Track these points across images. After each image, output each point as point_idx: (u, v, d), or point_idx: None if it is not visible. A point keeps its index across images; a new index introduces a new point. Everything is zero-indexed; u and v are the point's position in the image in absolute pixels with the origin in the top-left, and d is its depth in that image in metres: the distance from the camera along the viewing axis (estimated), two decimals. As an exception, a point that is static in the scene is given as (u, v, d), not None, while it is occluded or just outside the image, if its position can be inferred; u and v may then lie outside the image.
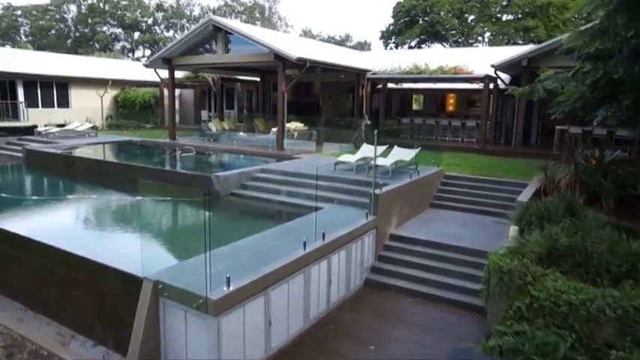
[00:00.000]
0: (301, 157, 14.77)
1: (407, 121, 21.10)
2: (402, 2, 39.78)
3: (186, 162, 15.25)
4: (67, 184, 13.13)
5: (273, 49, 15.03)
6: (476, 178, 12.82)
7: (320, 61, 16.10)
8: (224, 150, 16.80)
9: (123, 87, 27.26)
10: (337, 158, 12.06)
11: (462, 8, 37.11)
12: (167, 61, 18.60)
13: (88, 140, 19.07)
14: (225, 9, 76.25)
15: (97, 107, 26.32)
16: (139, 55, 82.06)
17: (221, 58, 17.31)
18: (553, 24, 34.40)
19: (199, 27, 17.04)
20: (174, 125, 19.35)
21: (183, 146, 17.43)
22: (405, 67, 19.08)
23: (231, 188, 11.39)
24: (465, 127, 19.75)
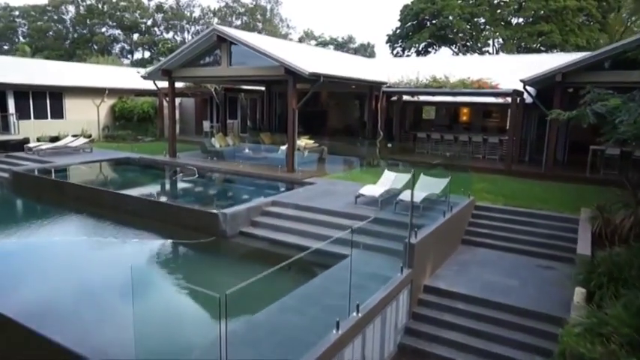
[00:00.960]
0: (315, 183, 13.43)
1: (423, 136, 19.78)
2: (410, 5, 38.41)
3: (187, 188, 13.89)
4: (55, 218, 11.77)
5: (283, 63, 13.70)
6: (511, 210, 11.49)
7: (334, 75, 14.76)
8: (229, 172, 15.45)
9: (120, 96, 25.90)
10: (359, 191, 10.70)
11: (473, 12, 35.73)
12: (166, 73, 17.28)
13: (82, 158, 17.72)
14: (225, 10, 74.92)
15: (93, 118, 24.98)
16: (138, 56, 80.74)
17: (225, 71, 15.98)
18: (568, 28, 33.05)
19: (202, 37, 15.71)
20: (174, 141, 18.01)
21: (185, 166, 16.09)
22: (422, 79, 17.72)
23: (239, 226, 10.06)
24: (486, 143, 18.42)
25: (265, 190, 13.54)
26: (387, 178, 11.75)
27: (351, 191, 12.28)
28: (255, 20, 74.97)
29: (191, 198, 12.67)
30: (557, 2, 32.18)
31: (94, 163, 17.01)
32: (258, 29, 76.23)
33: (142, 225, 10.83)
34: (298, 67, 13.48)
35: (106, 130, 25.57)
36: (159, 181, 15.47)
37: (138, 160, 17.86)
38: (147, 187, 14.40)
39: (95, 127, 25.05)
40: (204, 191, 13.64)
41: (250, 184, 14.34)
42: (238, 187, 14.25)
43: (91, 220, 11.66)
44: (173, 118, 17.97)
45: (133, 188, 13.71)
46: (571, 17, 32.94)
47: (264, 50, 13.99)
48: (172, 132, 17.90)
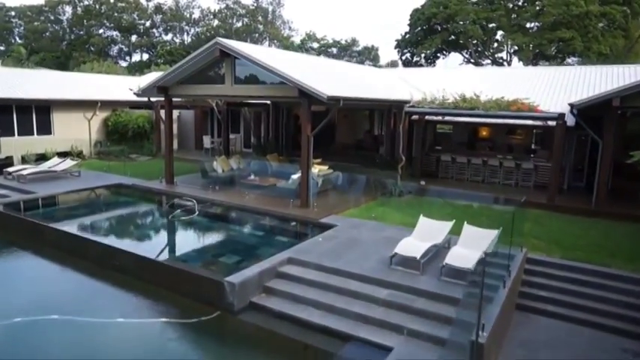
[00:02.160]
0: (335, 225, 11.51)
1: (447, 159, 17.87)
2: (421, 9, 36.49)
3: (185, 233, 11.92)
4: (25, 276, 9.83)
5: (298, 84, 11.80)
6: (573, 266, 9.58)
7: (355, 97, 12.89)
8: (233, 206, 13.53)
9: (114, 108, 23.97)
10: (395, 250, 8.77)
11: (488, 17, 33.82)
12: (163, 90, 15.37)
13: (69, 184, 15.79)
14: (226, 12, 73.01)
15: (84, 133, 23.05)
16: (136, 58, 78.78)
17: (229, 90, 14.07)
18: (591, 35, 31.15)
19: (203, 51, 13.80)
20: (171, 165, 16.08)
21: (182, 198, 14.16)
22: (449, 97, 15.83)
23: (249, 295, 8.15)
24: (519, 168, 16.51)
25: (278, 237, 11.63)
26: (424, 227, 9.82)
27: (380, 239, 10.43)
28: (256, 22, 73.06)
29: (189, 247, 10.71)
30: (580, 7, 30.28)
31: (82, 191, 15.03)
32: (259, 31, 74.35)
33: (132, 287, 8.93)
34: (315, 89, 11.57)
35: (98, 146, 23.63)
36: (153, 221, 13.45)
37: (130, 188, 15.92)
38: (139, 229, 12.41)
39: (86, 143, 23.11)
40: (204, 237, 11.66)
41: (259, 226, 12.41)
42: (245, 231, 12.28)
43: (69, 279, 9.73)
44: (170, 139, 16.05)
45: (122, 232, 11.81)
46: (594, 23, 31.01)
47: (276, 69, 12.07)
48: (169, 155, 15.96)
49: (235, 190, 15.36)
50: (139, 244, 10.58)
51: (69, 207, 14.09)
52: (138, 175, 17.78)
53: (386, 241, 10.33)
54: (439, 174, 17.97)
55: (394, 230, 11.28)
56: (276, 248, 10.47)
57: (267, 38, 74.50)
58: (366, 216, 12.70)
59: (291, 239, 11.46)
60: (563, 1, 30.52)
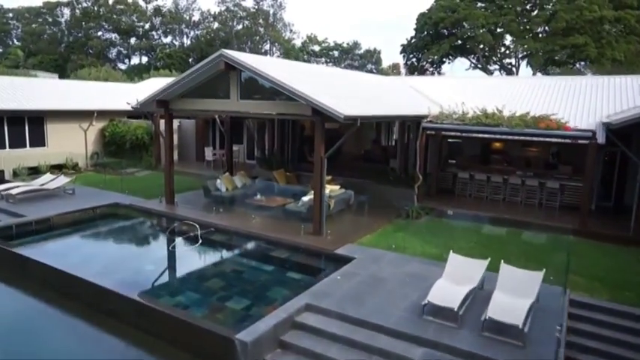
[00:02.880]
0: (353, 257, 10.45)
1: (465, 176, 16.82)
2: (429, 14, 35.47)
3: (187, 269, 10.77)
4: (2, 321, 8.74)
5: (312, 103, 10.75)
6: (623, 311, 8.51)
7: (372, 116, 11.86)
8: (239, 232, 12.44)
9: (112, 118, 22.90)
10: (428, 298, 7.70)
11: (498, 22, 32.80)
12: (162, 104, 14.32)
13: (62, 204, 14.71)
14: (226, 14, 71.96)
15: (79, 144, 21.98)
16: (135, 61, 77.76)
17: (235, 106, 13.02)
18: (605, 40, 30.14)
19: (206, 64, 12.74)
20: (171, 183, 15.00)
21: (183, 222, 13.08)
22: (469, 111, 14.81)
23: (263, 353, 7.08)
24: (544, 187, 15.46)
25: (291, 273, 10.54)
26: (456, 265, 8.75)
27: (405, 276, 9.41)
28: (257, 25, 72.02)
29: (192, 286, 9.60)
30: (593, 12, 29.27)
31: (74, 214, 13.93)
32: (260, 34, 73.33)
33: (127, 337, 7.86)
34: (331, 109, 10.52)
35: (94, 158, 22.56)
36: (151, 253, 12.30)
37: (127, 208, 14.84)
38: (135, 263, 11.28)
39: (82, 154, 22.03)
40: (209, 272, 10.53)
41: (269, 258, 11.30)
42: (253, 265, 11.15)
43: (56, 326, 8.65)
44: (171, 156, 14.97)
45: (117, 266, 10.71)
46: (608, 28, 30.01)
47: (288, 86, 11.02)
48: (169, 173, 14.89)
49: (240, 211, 14.29)
50: (135, 282, 9.47)
51: (59, 234, 12.97)
52: (136, 192, 16.70)
53: (412, 280, 9.30)
54: (456, 191, 16.93)
55: (418, 264, 10.24)
56: (289, 288, 9.41)
57: (269, 41, 73.50)
58: (385, 245, 11.64)
59: (306, 276, 10.37)
60: (576, 5, 29.54)
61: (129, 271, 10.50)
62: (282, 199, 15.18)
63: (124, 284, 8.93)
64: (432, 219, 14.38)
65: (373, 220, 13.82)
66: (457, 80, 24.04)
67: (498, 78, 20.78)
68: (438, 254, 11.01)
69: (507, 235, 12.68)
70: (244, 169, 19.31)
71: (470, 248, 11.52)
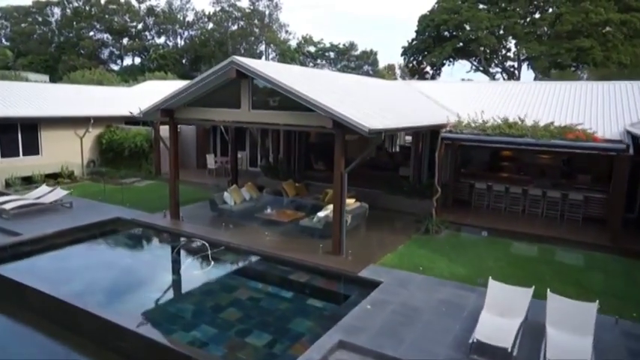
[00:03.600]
0: (380, 281, 9.73)
1: (482, 187, 16.17)
2: (431, 16, 34.86)
3: (200, 295, 9.90)
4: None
5: (334, 115, 10.01)
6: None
7: (396, 128, 11.15)
8: (252, 251, 11.65)
9: (108, 124, 21.96)
10: (475, 335, 6.97)
11: (502, 24, 32.28)
12: (167, 113, 13.49)
13: (60, 220, 13.81)
14: (221, 15, 70.94)
15: (75, 151, 21.02)
16: (128, 62, 76.49)
17: (246, 116, 12.23)
18: (611, 44, 29.74)
19: (216, 72, 11.95)
20: (176, 196, 14.17)
21: (191, 240, 12.28)
22: (489, 119, 14.17)
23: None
24: (566, 200, 14.83)
25: (314, 301, 9.71)
26: (498, 295, 8.04)
27: (439, 304, 8.76)
28: (252, 26, 71.09)
29: (207, 319, 8.72)
30: (599, 15, 28.83)
31: (73, 231, 13.02)
32: (255, 35, 72.42)
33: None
34: (355, 121, 9.79)
35: (91, 166, 21.61)
36: (159, 276, 11.38)
37: (130, 223, 13.98)
38: (141, 289, 10.38)
39: (78, 163, 21.08)
40: (224, 300, 9.64)
41: (287, 283, 10.50)
42: (271, 292, 10.29)
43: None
44: (176, 169, 14.14)
45: (122, 295, 9.88)
46: (613, 31, 29.59)
47: (308, 97, 10.26)
48: (174, 186, 14.07)
49: (251, 227, 13.50)
50: (144, 313, 8.64)
51: (57, 255, 12.06)
52: (137, 204, 15.85)
53: (448, 308, 8.59)
54: (472, 202, 16.28)
55: (450, 289, 9.53)
56: (314, 319, 8.67)
57: (264, 42, 72.61)
58: (409, 265, 10.92)
59: (330, 303, 9.64)
60: (581, 8, 29.10)
61: (136, 299, 9.68)
62: (293, 213, 14.43)
63: (132, 317, 8.12)
64: (452, 233, 13.71)
65: (392, 236, 13.11)
66: (465, 85, 23.42)
67: (509, 83, 20.17)
68: (468, 276, 10.36)
69: (537, 253, 12.01)
70: (249, 178, 18.53)
71: (500, 268, 10.87)
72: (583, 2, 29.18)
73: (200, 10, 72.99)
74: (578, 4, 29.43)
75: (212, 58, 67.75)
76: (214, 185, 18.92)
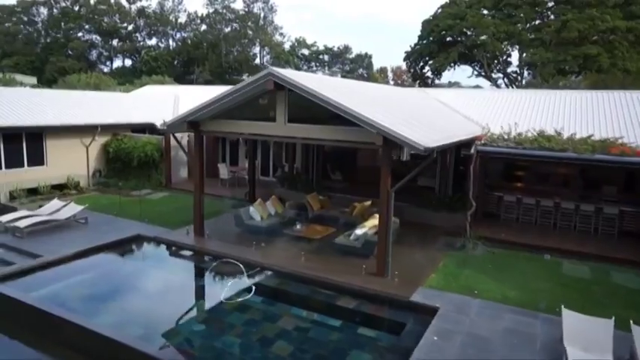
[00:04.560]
0: (435, 307, 9.22)
1: (511, 199, 15.83)
2: (435, 21, 34.64)
3: (245, 328, 9.20)
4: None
5: (387, 134, 9.48)
6: None
7: (446, 144, 10.69)
8: (289, 274, 11.04)
9: (115, 132, 21.11)
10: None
11: (509, 30, 32.20)
12: (193, 125, 12.82)
13: (77, 238, 13.05)
14: (214, 17, 69.99)
15: (81, 161, 20.14)
16: (118, 64, 74.99)
17: (282, 130, 11.63)
18: (618, 51, 29.86)
19: (251, 83, 11.33)
20: (201, 212, 13.50)
21: (223, 261, 11.61)
22: (524, 132, 13.85)
23: None
24: (600, 214, 14.55)
25: (366, 331, 9.04)
26: (576, 326, 7.59)
27: (507, 334, 8.32)
28: (246, 28, 70.28)
29: (256, 354, 8.07)
30: (606, 22, 28.91)
31: (96, 251, 12.25)
32: (249, 37, 71.63)
33: None
34: (411, 140, 9.30)
35: (97, 176, 20.72)
36: (197, 305, 10.50)
37: (152, 241, 13.27)
38: (180, 318, 9.60)
39: (84, 173, 20.19)
40: (270, 332, 8.90)
41: (334, 309, 9.86)
42: (318, 320, 9.62)
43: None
44: (201, 183, 13.46)
45: (159, 323, 9.18)
46: (619, 39, 29.71)
47: (358, 113, 9.72)
48: (199, 203, 13.40)
49: (282, 245, 12.89)
50: (189, 350, 7.99)
51: (84, 280, 11.27)
52: (155, 219, 15.12)
53: (519, 340, 8.11)
54: (501, 215, 15.93)
55: (512, 316, 9.08)
56: (373, 352, 8.15)
57: (258, 44, 71.86)
58: (457, 287, 10.46)
59: (385, 333, 9.10)
60: (588, 15, 29.16)
61: (176, 332, 8.95)
62: (323, 229, 13.88)
63: (173, 353, 7.47)
64: (489, 250, 13.27)
65: (429, 254, 12.64)
66: (480, 93, 23.11)
67: (525, 91, 19.92)
68: (521, 299, 9.93)
69: (584, 273, 11.63)
70: (264, 189, 17.95)
71: (551, 290, 10.49)
72: (589, 9, 29.24)
73: (193, 11, 71.90)
74: (584, 11, 29.50)
75: (205, 60, 66.88)
76: (230, 197, 18.26)
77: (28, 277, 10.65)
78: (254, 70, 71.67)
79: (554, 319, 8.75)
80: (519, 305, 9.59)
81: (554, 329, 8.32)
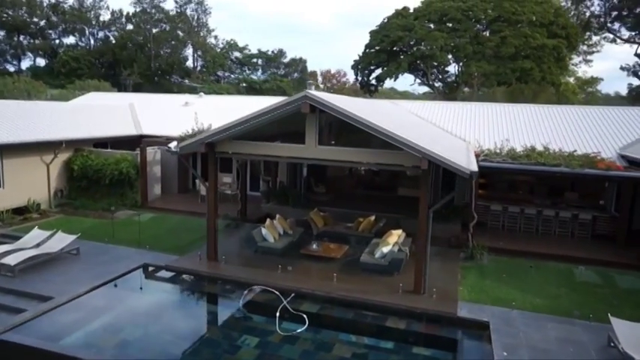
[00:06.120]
0: (485, 321, 9.77)
1: (498, 208, 17.09)
2: (386, 32, 36.03)
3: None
4: None
5: (434, 158, 9.84)
6: None
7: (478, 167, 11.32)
8: (327, 297, 10.96)
9: (77, 148, 19.26)
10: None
11: (455, 44, 34.50)
12: (209, 146, 12.23)
13: (77, 273, 11.82)
14: (142, 16, 66.10)
15: (41, 181, 18.13)
16: (27, 64, 67.83)
17: (312, 152, 11.51)
18: (547, 66, 33.35)
19: (285, 105, 11.06)
20: (215, 236, 12.90)
21: (251, 289, 11.20)
22: (517, 147, 15.11)
23: None
24: (576, 219, 16.24)
25: (423, 351, 9.27)
26: (630, 335, 8.52)
27: (561, 341, 9.02)
28: (176, 29, 67.26)
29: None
30: (537, 40, 32.17)
31: (106, 286, 11.17)
32: (179, 39, 68.67)
33: None
34: (459, 165, 9.74)
35: (58, 196, 18.77)
36: (245, 344, 9.56)
37: (163, 269, 12.40)
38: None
39: (45, 193, 18.20)
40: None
41: (385, 331, 9.92)
42: (371, 344, 9.53)
43: None
44: (214, 206, 12.83)
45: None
46: (547, 54, 33.23)
47: (403, 138, 9.96)
48: (213, 226, 12.79)
49: (305, 266, 12.73)
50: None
51: (111, 320, 10.19)
52: (153, 244, 14.11)
53: (575, 349, 8.90)
54: (488, 224, 17.10)
55: (555, 324, 9.89)
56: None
57: (190, 46, 69.10)
58: (489, 299, 11.16)
59: (446, 352, 9.41)
60: (521, 32, 32.22)
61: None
62: (338, 247, 13.91)
63: None
64: (494, 259, 14.22)
65: (445, 266, 13.23)
66: (444, 105, 24.45)
67: (488, 105, 21.56)
68: (549, 306, 10.86)
69: (588, 277, 12.87)
70: (258, 206, 17.54)
71: (568, 295, 11.56)
72: (522, 27, 32.37)
73: (117, 9, 67.19)
74: (518, 29, 32.60)
75: (134, 61, 62.99)
76: (222, 216, 17.54)
77: (45, 323, 9.47)
78: (187, 73, 68.86)
79: (590, 325, 9.76)
80: (552, 313, 10.46)
81: (596, 335, 9.29)
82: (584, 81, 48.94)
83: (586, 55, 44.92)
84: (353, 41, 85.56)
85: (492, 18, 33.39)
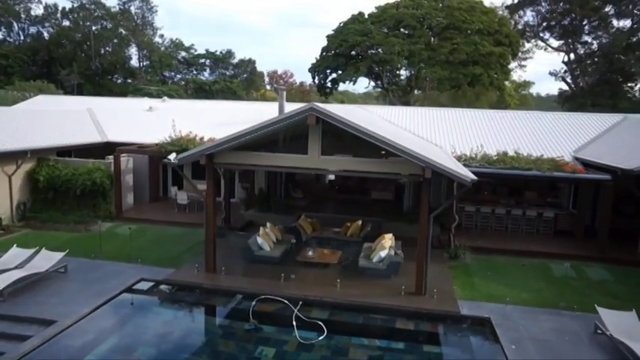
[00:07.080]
0: (485, 317, 10.58)
1: (471, 209, 18.25)
2: (344, 37, 36.82)
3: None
4: None
5: (439, 169, 10.48)
6: None
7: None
8: (340, 305, 11.31)
9: (40, 157, 18.11)
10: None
11: (412, 50, 35.98)
12: (209, 157, 12.12)
13: (71, 294, 11.26)
14: (80, 12, 62.36)
15: (3, 192, 16.88)
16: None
17: (315, 162, 11.77)
18: (494, 72, 35.73)
19: (290, 117, 11.23)
20: (214, 246, 12.80)
21: (260, 299, 11.29)
22: (489, 152, 16.27)
23: None
24: (541, 217, 17.73)
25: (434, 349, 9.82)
26: (616, 323, 9.63)
27: (556, 331, 9.95)
28: (119, 27, 64.09)
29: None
30: (485, 47, 34.42)
31: (106, 305, 10.76)
32: (122, 36, 65.54)
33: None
34: (462, 174, 10.46)
35: (21, 209, 17.56)
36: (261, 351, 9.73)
37: (162, 284, 12.12)
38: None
39: (7, 207, 16.98)
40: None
41: (395, 333, 10.39)
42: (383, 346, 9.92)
43: None
44: (212, 216, 12.70)
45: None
46: (493, 61, 35.62)
47: (412, 152, 10.49)
48: (212, 236, 12.68)
49: (304, 273, 12.94)
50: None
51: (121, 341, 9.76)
52: (142, 256, 13.69)
53: (570, 337, 9.88)
54: (463, 224, 18.21)
55: (546, 316, 10.87)
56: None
57: (133, 45, 66.10)
58: (482, 296, 12.03)
59: (453, 348, 10.05)
60: (471, 40, 34.32)
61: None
62: (331, 253, 14.25)
63: None
64: (475, 257, 15.20)
65: (434, 267, 13.69)
66: (412, 110, 25.56)
67: (449, 110, 22.92)
68: (535, 300, 11.86)
69: (559, 271, 14.12)
70: (239, 213, 17.47)
71: (548, 289, 12.69)
72: (472, 36, 34.52)
73: (52, 3, 62.84)
74: (469, 37, 34.70)
75: (73, 60, 59.34)
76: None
77: (54, 349, 9.03)
78: (131, 74, 65.83)
79: (575, 315, 10.87)
80: (540, 306, 11.48)
81: (583, 323, 10.38)
82: (518, 84, 53.10)
83: (521, 61, 48.57)
84: (292, 42, 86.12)
85: (444, 26, 35.49)
